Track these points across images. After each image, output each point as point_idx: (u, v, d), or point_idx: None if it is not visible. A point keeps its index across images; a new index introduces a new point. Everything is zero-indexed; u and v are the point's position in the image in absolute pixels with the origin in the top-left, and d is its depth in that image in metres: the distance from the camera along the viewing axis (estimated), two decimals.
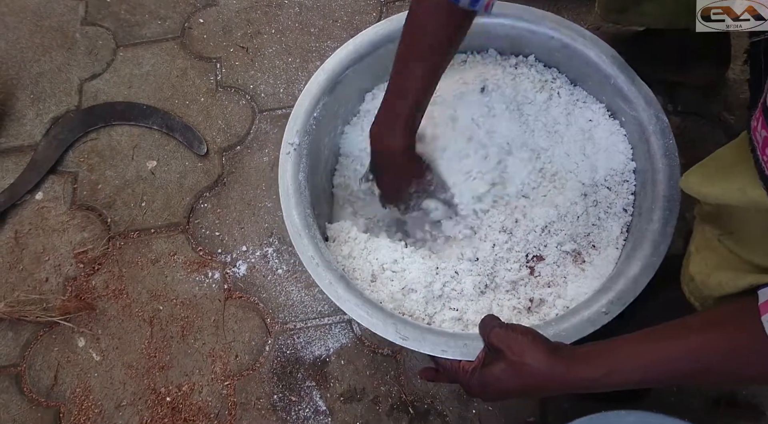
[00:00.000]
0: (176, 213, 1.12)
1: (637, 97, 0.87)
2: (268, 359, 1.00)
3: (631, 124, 0.90)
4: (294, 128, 0.89)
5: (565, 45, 0.93)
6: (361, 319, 0.76)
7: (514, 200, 0.91)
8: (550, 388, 0.61)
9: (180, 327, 1.03)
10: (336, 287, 0.78)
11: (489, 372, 0.64)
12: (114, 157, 1.18)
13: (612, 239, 0.87)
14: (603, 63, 0.90)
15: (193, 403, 0.97)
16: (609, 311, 0.74)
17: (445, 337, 0.74)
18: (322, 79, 0.92)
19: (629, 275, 0.76)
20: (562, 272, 0.87)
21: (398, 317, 0.78)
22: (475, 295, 0.85)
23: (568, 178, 0.91)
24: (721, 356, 0.55)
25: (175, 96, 1.23)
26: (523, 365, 0.61)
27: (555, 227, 0.87)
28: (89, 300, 1.05)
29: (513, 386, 0.62)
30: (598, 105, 0.95)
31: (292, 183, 0.85)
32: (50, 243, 1.11)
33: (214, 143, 1.18)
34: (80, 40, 1.31)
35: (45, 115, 1.23)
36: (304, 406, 0.96)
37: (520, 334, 0.64)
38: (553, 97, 0.97)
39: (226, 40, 1.28)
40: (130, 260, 1.09)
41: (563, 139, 0.93)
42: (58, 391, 1.00)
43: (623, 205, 0.89)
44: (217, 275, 1.07)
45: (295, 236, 0.81)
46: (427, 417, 0.94)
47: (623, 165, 0.90)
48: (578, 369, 0.60)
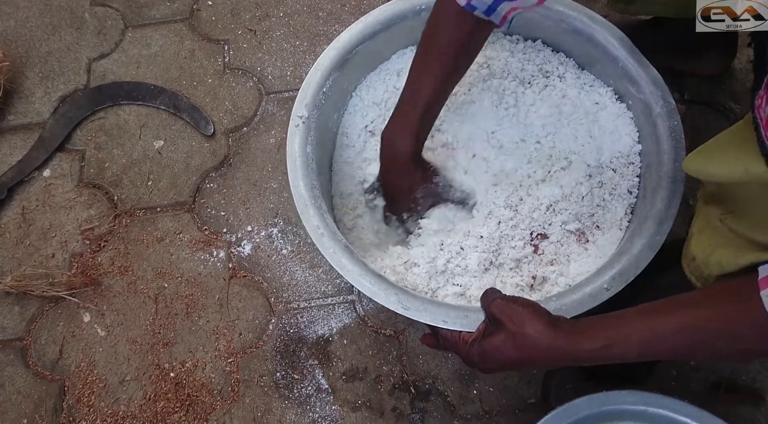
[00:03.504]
0: (182, 192, 1.13)
1: (644, 79, 0.88)
2: (271, 337, 1.01)
3: (638, 106, 0.90)
4: (303, 101, 0.89)
5: (575, 29, 0.93)
6: (363, 288, 0.76)
7: (519, 178, 0.91)
8: (549, 359, 0.62)
9: (184, 304, 1.04)
10: (340, 256, 0.78)
11: (489, 342, 0.65)
12: (121, 136, 1.19)
13: (616, 220, 0.88)
14: (611, 46, 0.91)
15: (196, 379, 0.98)
16: (611, 287, 0.75)
17: (446, 308, 0.75)
18: (333, 54, 0.93)
19: (632, 252, 0.76)
20: (565, 250, 0.87)
21: (399, 287, 0.79)
22: (479, 271, 0.85)
23: (574, 159, 0.91)
24: (719, 331, 0.55)
25: (182, 77, 1.24)
26: (524, 336, 0.62)
27: (560, 206, 0.88)
28: (95, 276, 1.06)
29: (512, 357, 0.63)
30: (606, 88, 0.96)
31: (300, 155, 0.86)
32: (57, 220, 1.12)
33: (221, 124, 1.18)
34: (89, 20, 1.31)
35: (53, 93, 1.23)
36: (306, 384, 0.97)
37: (521, 306, 0.64)
38: (560, 81, 0.97)
39: (234, 23, 1.29)
40: (135, 237, 1.10)
41: (570, 121, 0.94)
42: (63, 365, 1.01)
43: (628, 187, 0.90)
44: (222, 254, 1.07)
45: (301, 206, 0.82)
46: (429, 397, 0.95)
47: (629, 148, 0.91)
48: (578, 341, 0.60)
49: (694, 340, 0.56)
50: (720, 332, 0.55)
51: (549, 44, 1.00)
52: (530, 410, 0.92)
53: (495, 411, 0.93)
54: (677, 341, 0.57)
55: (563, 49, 1.00)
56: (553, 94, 0.96)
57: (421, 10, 0.94)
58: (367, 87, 1.01)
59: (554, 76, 0.98)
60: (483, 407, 0.93)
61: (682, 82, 1.13)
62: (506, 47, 1.00)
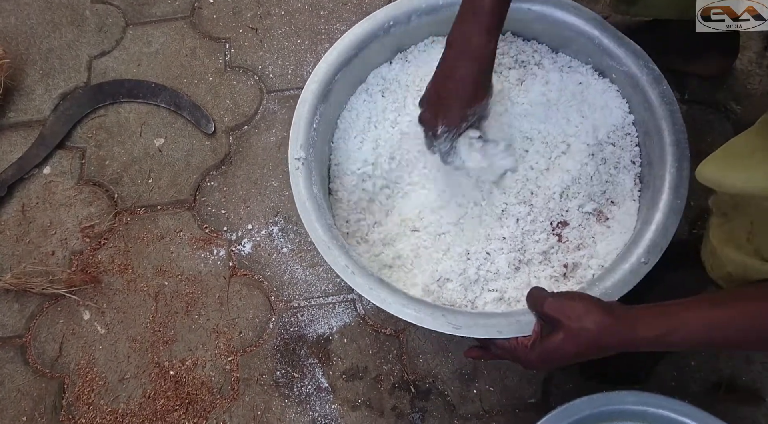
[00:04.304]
0: (183, 190, 1.13)
1: (624, 52, 0.89)
2: (271, 336, 1.01)
3: (622, 78, 0.91)
4: (297, 141, 0.88)
5: (543, 15, 0.93)
6: (408, 317, 0.74)
7: (523, 173, 0.91)
8: (612, 347, 0.62)
9: (185, 303, 1.04)
10: (378, 291, 0.76)
11: (550, 342, 0.65)
12: (122, 133, 1.19)
13: (627, 192, 0.89)
14: (584, 26, 0.92)
15: (196, 377, 0.98)
16: (648, 259, 0.75)
17: (495, 318, 0.74)
18: (316, 87, 0.91)
19: (658, 220, 0.77)
20: (588, 232, 0.88)
21: (444, 307, 0.77)
22: (511, 272, 0.85)
23: (572, 142, 0.91)
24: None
25: (183, 75, 1.23)
26: (585, 330, 0.62)
27: (572, 191, 0.88)
28: (95, 274, 1.06)
29: (575, 352, 0.64)
30: (585, 67, 0.96)
31: (308, 197, 0.83)
32: (57, 217, 1.12)
33: (222, 122, 1.18)
34: (90, 17, 1.31)
35: (54, 90, 1.23)
36: (306, 383, 0.97)
37: (574, 300, 0.65)
38: (539, 67, 0.97)
39: (235, 21, 1.29)
40: (136, 235, 1.09)
41: (558, 106, 0.93)
42: (63, 362, 1.01)
43: (631, 158, 0.91)
44: (223, 252, 1.07)
45: (323, 248, 0.79)
46: (429, 396, 0.95)
47: (622, 119, 0.92)
48: (639, 328, 0.61)
49: (750, 331, 0.57)
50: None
51: (519, 35, 1.00)
52: (530, 410, 0.92)
53: (495, 411, 0.93)
54: (733, 331, 0.58)
55: (534, 37, 0.99)
56: (536, 82, 0.95)
57: (390, 26, 0.93)
58: (349, 111, 0.98)
59: (532, 64, 0.97)
60: (483, 406, 0.93)
61: (682, 83, 1.13)
62: None
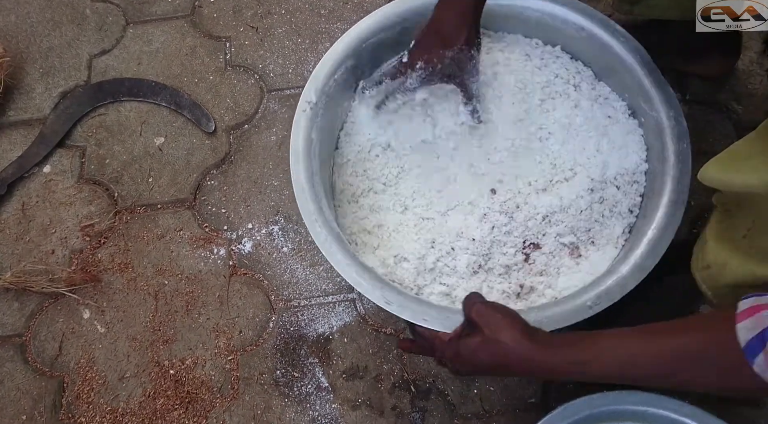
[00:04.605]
0: (183, 189, 1.13)
1: (659, 97, 0.85)
2: (271, 335, 1.00)
3: (650, 124, 0.88)
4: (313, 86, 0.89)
5: (594, 37, 0.91)
6: (350, 278, 0.77)
7: (519, 186, 0.90)
8: (521, 369, 0.62)
9: (185, 302, 1.04)
10: (330, 244, 0.79)
11: (464, 344, 0.65)
12: (122, 132, 1.18)
13: (612, 238, 0.87)
14: (630, 60, 0.88)
15: (196, 376, 0.98)
16: (594, 304, 0.73)
17: (428, 307, 0.75)
18: (348, 40, 0.92)
19: (621, 272, 0.76)
20: (556, 262, 0.87)
21: (386, 282, 0.78)
22: (468, 274, 0.85)
23: (578, 171, 0.90)
24: (693, 361, 0.54)
25: (183, 74, 1.23)
26: (498, 343, 0.62)
27: (556, 218, 0.87)
28: (95, 273, 1.06)
29: (485, 361, 0.63)
30: (620, 103, 0.94)
31: (303, 140, 0.85)
32: (57, 216, 1.11)
33: (222, 121, 1.18)
34: (90, 16, 1.31)
35: (54, 89, 1.23)
36: (306, 382, 0.97)
37: (499, 313, 0.64)
38: (575, 90, 0.95)
39: (236, 20, 1.28)
40: (136, 234, 1.09)
41: (579, 132, 0.92)
42: (63, 361, 1.01)
43: (629, 206, 0.88)
44: (223, 251, 1.07)
45: (298, 190, 0.82)
46: (429, 396, 0.95)
47: (636, 165, 0.89)
48: (551, 354, 0.60)
49: (669, 367, 0.55)
50: (694, 362, 0.54)
51: (568, 52, 0.98)
52: (530, 410, 0.92)
53: (495, 411, 0.93)
54: (651, 367, 0.56)
55: (582, 58, 0.97)
56: (565, 104, 0.94)
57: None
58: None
59: (569, 85, 0.96)
60: (483, 406, 0.93)
61: (684, 83, 1.12)
62: (524, 50, 0.98)
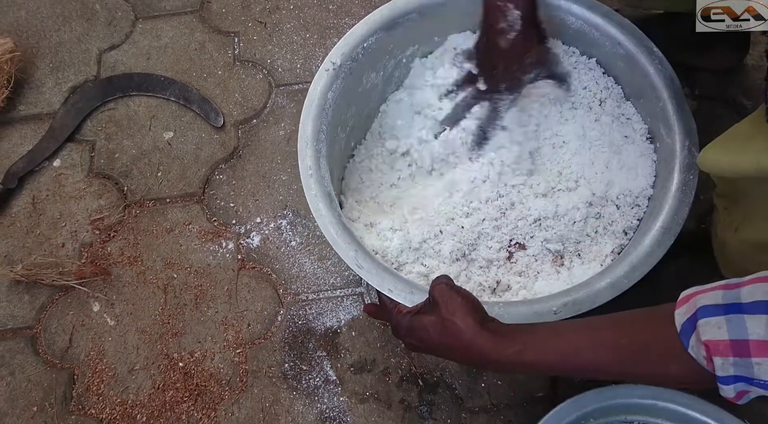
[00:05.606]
0: (192, 183, 1.13)
1: (679, 126, 0.83)
2: (279, 328, 1.01)
3: (663, 150, 0.86)
4: (341, 49, 0.89)
5: (631, 56, 0.89)
6: (327, 234, 0.78)
7: (520, 186, 0.90)
8: (469, 353, 0.62)
9: (193, 295, 1.04)
10: (319, 200, 0.80)
11: (419, 319, 0.66)
12: (131, 127, 1.19)
13: (600, 256, 0.86)
14: (661, 86, 0.86)
15: (205, 369, 0.99)
16: (559, 311, 0.73)
17: (396, 279, 0.76)
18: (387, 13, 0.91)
19: (594, 287, 0.75)
20: (537, 266, 0.87)
21: (363, 246, 0.79)
22: (450, 259, 0.85)
23: (581, 184, 0.89)
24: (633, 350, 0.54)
25: (192, 69, 1.24)
26: (452, 324, 0.63)
27: (548, 223, 0.87)
28: (104, 266, 1.06)
29: (435, 340, 0.64)
30: (641, 125, 0.92)
31: (319, 97, 0.86)
32: (67, 209, 1.12)
33: (231, 116, 1.18)
34: (100, 11, 1.32)
35: (64, 84, 1.24)
36: (314, 375, 0.97)
37: (461, 297, 0.65)
38: (600, 105, 0.94)
39: (244, 15, 1.29)
40: (145, 228, 1.10)
41: (592, 146, 0.91)
42: (73, 354, 1.01)
43: (625, 228, 0.87)
44: (231, 245, 1.08)
45: (302, 144, 0.83)
46: (437, 389, 0.95)
47: (640, 189, 0.88)
48: (497, 341, 0.61)
49: (610, 358, 0.55)
50: (637, 351, 0.54)
51: (603, 66, 0.96)
52: (538, 403, 0.92)
53: (503, 404, 0.93)
54: (593, 357, 0.56)
55: (614, 75, 0.96)
56: (585, 116, 0.93)
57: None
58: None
59: (595, 100, 0.95)
60: (491, 400, 0.93)
61: (693, 78, 1.12)
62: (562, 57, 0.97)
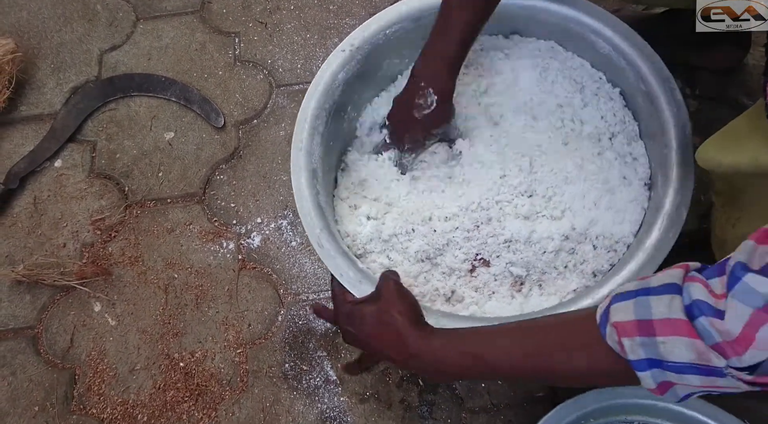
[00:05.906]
0: (192, 184, 1.13)
1: (676, 174, 0.80)
2: (280, 328, 1.01)
3: (657, 198, 0.82)
4: (363, 32, 0.90)
5: (653, 96, 0.85)
6: (300, 207, 0.81)
7: (502, 203, 0.88)
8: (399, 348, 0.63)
9: (194, 295, 1.04)
10: (301, 175, 0.82)
11: (359, 308, 0.68)
12: (132, 127, 1.19)
13: (562, 292, 0.84)
14: (671, 130, 0.83)
15: (205, 369, 0.99)
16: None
17: (351, 266, 0.77)
18: (416, 3, 0.92)
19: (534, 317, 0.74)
20: (494, 286, 0.86)
21: (330, 228, 0.81)
22: (414, 259, 0.86)
23: (566, 215, 0.86)
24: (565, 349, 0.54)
25: (193, 69, 1.24)
26: (389, 316, 0.64)
27: (516, 247, 0.85)
28: (105, 266, 1.07)
29: (370, 332, 0.65)
30: (645, 169, 0.89)
31: (329, 77, 0.87)
32: (68, 210, 1.13)
33: (231, 116, 1.19)
34: (101, 11, 1.32)
35: (65, 84, 1.24)
36: (314, 375, 0.97)
37: (403, 296, 0.66)
38: (609, 139, 0.92)
39: (245, 15, 1.29)
40: (146, 228, 1.10)
41: (587, 179, 0.88)
42: (74, 353, 1.02)
43: (594, 270, 0.84)
44: (232, 245, 1.08)
45: (300, 125, 0.85)
46: (437, 389, 0.95)
47: (622, 235, 0.84)
48: (430, 340, 0.62)
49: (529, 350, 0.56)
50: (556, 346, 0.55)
51: (625, 98, 0.93)
52: (538, 404, 0.92)
53: (503, 404, 0.93)
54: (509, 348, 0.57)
55: (634, 109, 0.92)
56: (590, 147, 0.90)
57: None
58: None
59: (606, 133, 0.92)
60: (491, 400, 0.93)
61: (693, 77, 1.12)
62: (583, 79, 0.96)
